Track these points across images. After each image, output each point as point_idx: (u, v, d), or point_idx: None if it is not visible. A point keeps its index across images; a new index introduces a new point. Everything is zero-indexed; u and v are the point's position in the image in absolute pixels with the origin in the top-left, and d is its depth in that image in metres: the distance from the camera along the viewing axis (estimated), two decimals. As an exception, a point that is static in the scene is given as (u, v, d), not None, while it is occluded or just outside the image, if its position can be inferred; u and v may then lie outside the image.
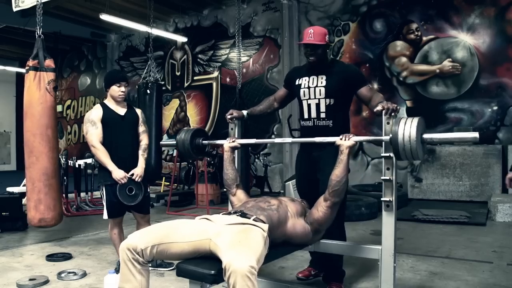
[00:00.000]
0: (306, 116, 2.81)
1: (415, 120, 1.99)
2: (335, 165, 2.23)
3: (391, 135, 2.03)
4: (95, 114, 3.18)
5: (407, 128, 1.96)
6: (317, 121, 2.76)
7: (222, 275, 1.72)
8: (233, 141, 2.65)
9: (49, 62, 3.75)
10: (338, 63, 2.95)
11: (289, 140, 2.69)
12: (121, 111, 3.25)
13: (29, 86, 3.71)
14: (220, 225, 1.97)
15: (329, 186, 2.21)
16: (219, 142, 2.75)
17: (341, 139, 2.25)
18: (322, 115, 2.74)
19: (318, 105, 2.74)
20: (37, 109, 3.69)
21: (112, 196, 3.15)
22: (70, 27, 10.73)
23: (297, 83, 2.84)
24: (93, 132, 3.14)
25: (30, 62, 3.70)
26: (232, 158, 2.64)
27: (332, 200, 2.21)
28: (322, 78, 2.73)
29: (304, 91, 2.78)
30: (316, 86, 2.74)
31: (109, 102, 3.25)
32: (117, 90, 3.19)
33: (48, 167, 3.71)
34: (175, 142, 2.78)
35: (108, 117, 3.18)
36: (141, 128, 3.36)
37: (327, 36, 2.72)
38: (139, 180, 3.21)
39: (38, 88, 3.68)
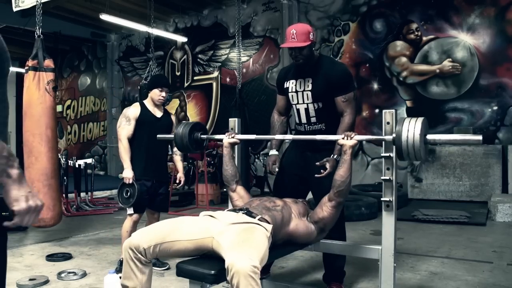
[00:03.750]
0: (297, 121, 2.78)
1: (419, 120, 1.96)
2: (338, 165, 2.22)
3: (394, 135, 2.00)
4: (132, 111, 3.32)
5: (411, 128, 1.94)
6: (308, 126, 2.72)
7: (222, 275, 1.72)
8: (233, 137, 2.62)
9: (48, 62, 3.76)
10: (326, 61, 2.74)
11: (290, 137, 2.66)
12: (158, 113, 3.41)
13: (28, 86, 3.71)
14: (224, 224, 1.97)
15: (334, 186, 2.21)
16: (218, 136, 2.74)
17: (343, 138, 2.22)
18: (313, 120, 2.69)
19: (307, 110, 2.68)
20: (37, 109, 3.69)
21: (144, 191, 3.25)
22: (70, 27, 10.72)
23: (285, 86, 2.78)
24: (125, 127, 3.28)
25: (30, 62, 3.71)
26: (232, 154, 2.62)
27: (337, 200, 2.21)
28: (308, 82, 2.64)
29: (292, 95, 2.73)
30: (304, 90, 2.67)
31: (148, 103, 3.41)
32: (158, 93, 3.34)
33: (48, 167, 3.71)
34: (173, 136, 2.79)
35: (145, 116, 3.32)
36: None
37: (312, 34, 2.55)
38: (182, 184, 3.51)
39: (37, 88, 3.69)
